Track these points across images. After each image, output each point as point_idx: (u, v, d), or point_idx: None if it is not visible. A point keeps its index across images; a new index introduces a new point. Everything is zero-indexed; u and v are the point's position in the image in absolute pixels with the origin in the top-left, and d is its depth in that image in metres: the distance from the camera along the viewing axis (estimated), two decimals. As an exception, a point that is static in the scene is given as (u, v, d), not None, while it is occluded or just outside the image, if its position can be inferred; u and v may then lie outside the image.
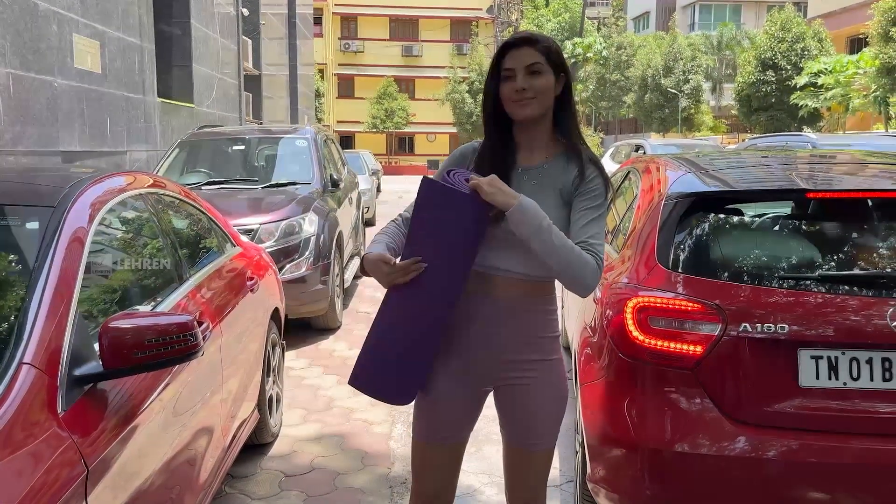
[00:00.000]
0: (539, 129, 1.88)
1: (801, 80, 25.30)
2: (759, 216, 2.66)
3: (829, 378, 2.20)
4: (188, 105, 12.42)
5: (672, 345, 2.28)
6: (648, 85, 37.11)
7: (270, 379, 3.69)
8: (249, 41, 17.56)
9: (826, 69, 24.66)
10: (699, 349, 2.25)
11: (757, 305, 2.25)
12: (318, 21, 38.42)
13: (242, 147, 7.18)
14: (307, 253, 5.55)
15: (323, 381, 4.76)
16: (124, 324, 1.75)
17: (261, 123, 17.71)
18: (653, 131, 37.15)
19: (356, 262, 7.66)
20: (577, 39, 46.24)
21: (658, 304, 2.34)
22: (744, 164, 3.25)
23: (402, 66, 47.50)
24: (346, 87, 48.11)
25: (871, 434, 2.16)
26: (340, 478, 3.36)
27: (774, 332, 2.21)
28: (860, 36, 27.00)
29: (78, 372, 1.71)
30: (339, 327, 6.01)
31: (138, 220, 2.67)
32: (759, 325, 2.23)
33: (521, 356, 1.89)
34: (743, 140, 18.48)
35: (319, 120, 35.54)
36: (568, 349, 4.05)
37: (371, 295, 7.33)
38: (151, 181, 2.91)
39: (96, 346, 1.76)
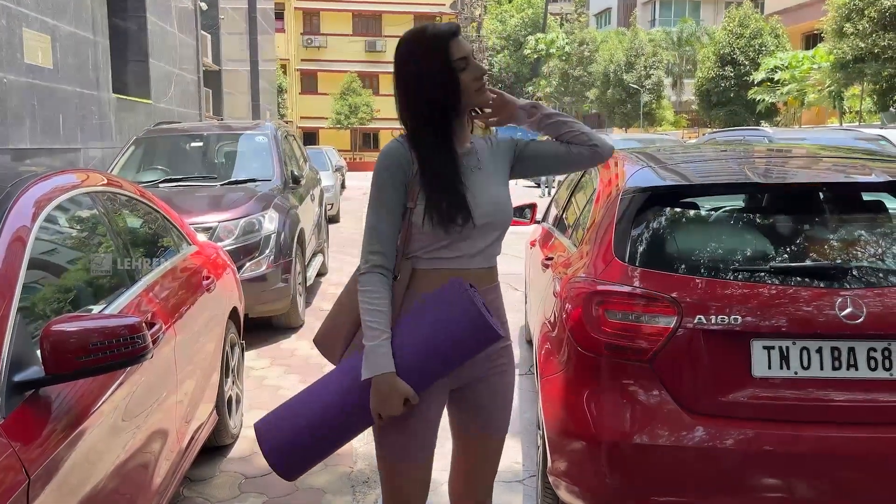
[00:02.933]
0: (464, 118, 1.88)
1: (759, 76, 25.82)
2: (715, 210, 2.72)
3: (781, 368, 2.21)
4: (145, 101, 12.18)
5: (629, 338, 2.29)
6: (611, 80, 37.53)
7: (229, 379, 3.63)
8: (209, 36, 17.29)
9: (782, 65, 25.21)
10: (655, 342, 2.25)
11: (711, 298, 2.26)
12: (279, 16, 37.98)
13: (201, 144, 7.06)
14: (267, 251, 5.48)
15: (284, 380, 4.70)
16: (68, 327, 1.69)
17: (221, 120, 17.46)
18: (615, 126, 37.56)
19: (318, 259, 7.59)
20: (539, 35, 46.55)
21: (615, 298, 2.34)
22: (700, 158, 3.24)
23: (365, 61, 47.26)
24: (309, 83, 47.71)
25: (823, 422, 2.19)
26: (302, 478, 3.31)
27: (728, 324, 2.22)
28: (815, 32, 27.61)
29: (18, 378, 1.65)
30: (301, 326, 5.95)
31: (88, 218, 2.59)
32: (713, 317, 2.24)
33: (500, 343, 1.89)
34: (703, 134, 18.80)
35: (282, 116, 35.16)
36: (531, 342, 4.10)
37: (334, 293, 7.28)
38: (104, 179, 2.83)
39: (39, 351, 1.70)
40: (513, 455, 3.51)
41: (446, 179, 1.77)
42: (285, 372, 4.87)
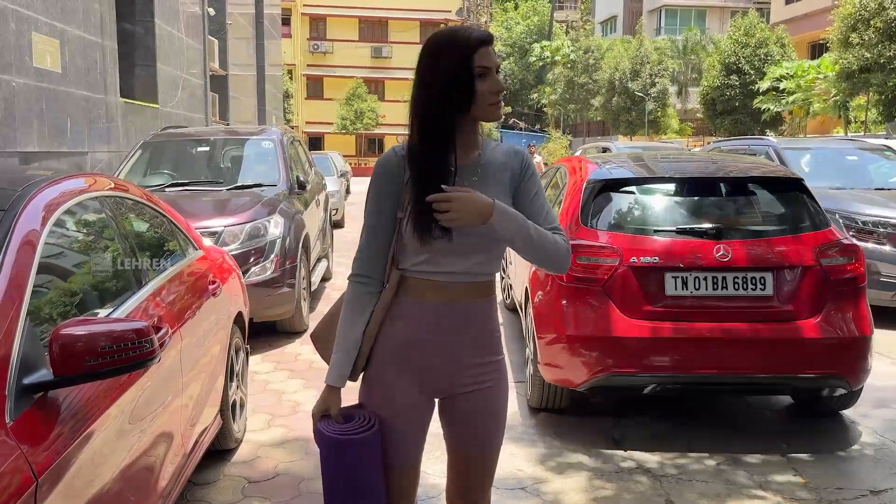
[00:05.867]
0: (475, 128, 1.82)
1: (764, 85, 25.81)
2: (642, 192, 4.12)
3: (683, 289, 3.65)
4: (152, 105, 12.23)
5: (590, 272, 3.69)
6: (616, 88, 37.52)
7: (234, 384, 3.64)
8: (216, 41, 17.34)
9: (788, 74, 25.19)
10: (606, 274, 3.67)
11: (640, 247, 3.71)
12: (286, 21, 38.13)
13: (207, 148, 7.09)
14: (272, 255, 5.49)
15: (288, 385, 4.71)
16: (76, 330, 1.70)
17: (227, 124, 17.51)
18: (620, 134, 37.55)
19: (323, 264, 7.61)
20: (545, 42, 46.58)
21: (582, 249, 3.70)
22: (638, 161, 4.68)
23: (371, 67, 47.35)
24: (315, 88, 47.80)
25: (707, 319, 3.62)
26: (305, 483, 3.33)
27: (651, 263, 3.66)
28: (821, 41, 27.62)
29: (27, 380, 1.66)
30: (305, 330, 5.96)
31: (96, 223, 2.61)
32: (641, 258, 3.67)
33: (480, 360, 1.87)
34: (707, 143, 18.79)
35: (288, 121, 35.24)
36: (515, 310, 5.36)
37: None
38: (111, 183, 2.86)
39: (48, 354, 1.71)
40: (515, 462, 3.52)
41: (430, 188, 1.70)
42: (289, 376, 4.88)
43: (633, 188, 4.10)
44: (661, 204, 4.08)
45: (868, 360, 3.70)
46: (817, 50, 29.67)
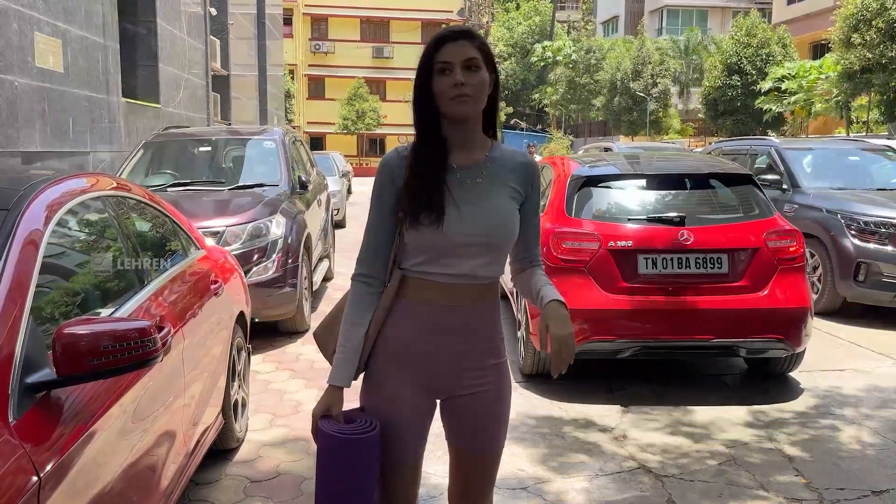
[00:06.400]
0: (472, 127, 1.81)
1: (766, 85, 25.79)
2: (620, 186, 4.75)
3: (653, 268, 4.30)
4: (154, 105, 12.24)
5: (574, 255, 4.35)
6: (617, 88, 37.51)
7: (235, 383, 3.64)
8: (217, 41, 17.36)
9: (790, 74, 25.17)
10: (588, 256, 4.32)
11: (616, 233, 4.36)
12: (288, 21, 38.13)
13: (209, 148, 7.09)
14: (274, 256, 5.50)
15: (289, 385, 4.72)
16: (79, 329, 1.70)
17: (229, 124, 17.52)
18: (622, 134, 37.54)
19: (325, 264, 7.61)
20: (546, 43, 46.57)
21: (567, 235, 4.41)
22: (615, 160, 5.51)
23: (373, 67, 47.40)
24: (316, 89, 47.84)
25: (673, 293, 4.26)
26: (307, 483, 3.33)
27: (625, 246, 4.31)
28: (823, 42, 27.61)
29: (30, 379, 1.66)
30: (306, 330, 5.96)
31: (98, 222, 2.61)
32: (617, 242, 4.32)
33: (481, 362, 1.86)
34: (709, 143, 18.78)
35: (289, 121, 35.25)
36: (506, 297, 5.76)
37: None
38: (113, 183, 2.86)
39: (51, 353, 1.71)
40: (517, 462, 3.52)
41: (421, 180, 1.74)
42: (290, 376, 4.89)
43: (609, 183, 4.75)
44: (633, 196, 4.70)
45: (807, 327, 4.37)
46: (819, 50, 29.65)
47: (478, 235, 1.76)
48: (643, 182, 4.76)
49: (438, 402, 1.93)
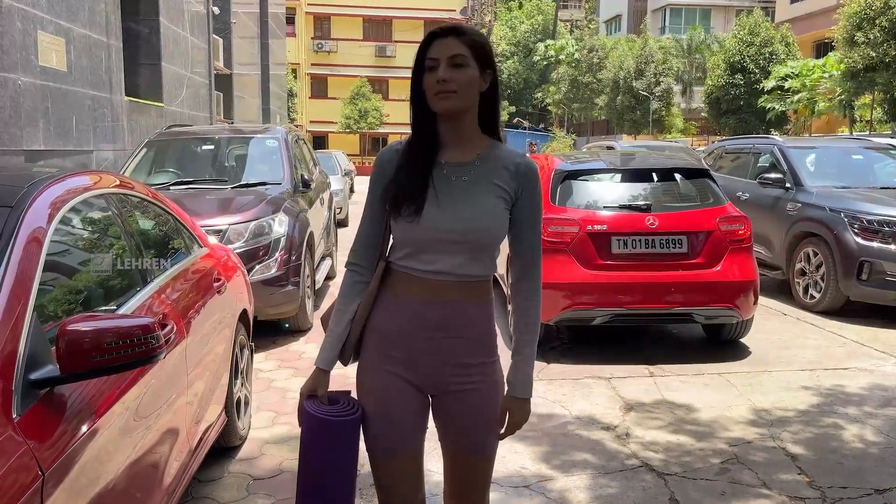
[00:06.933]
0: (466, 125, 1.81)
1: (769, 84, 25.75)
2: (597, 179, 5.58)
3: (624, 248, 5.03)
4: (157, 104, 12.25)
5: (558, 237, 5.01)
6: (620, 87, 37.47)
7: (238, 381, 3.65)
8: (220, 40, 17.37)
9: (793, 73, 25.14)
10: (569, 239, 5.02)
11: (593, 218, 5.10)
12: (290, 20, 38.14)
13: (212, 147, 7.10)
14: (277, 254, 5.50)
15: (292, 383, 4.72)
16: (83, 326, 1.70)
17: (232, 123, 17.52)
18: (624, 133, 37.49)
19: (327, 263, 7.61)
20: (549, 41, 46.55)
21: (552, 220, 5.04)
22: (593, 157, 6.44)
23: (375, 66, 47.36)
24: (319, 87, 47.84)
25: (641, 270, 5.02)
26: (309, 480, 3.33)
27: (601, 229, 5.03)
28: (826, 41, 27.53)
29: (34, 376, 1.67)
30: (309, 329, 5.97)
31: (101, 220, 2.62)
32: (594, 226, 5.04)
33: (468, 359, 1.85)
34: (712, 142, 18.74)
35: (292, 120, 35.28)
36: (497, 282, 6.13)
37: (342, 296, 7.28)
38: (116, 181, 2.86)
39: (54, 350, 1.72)
40: (519, 460, 3.52)
41: (407, 173, 1.79)
42: (293, 374, 4.89)
43: (587, 176, 5.53)
44: (608, 188, 5.47)
45: (753, 297, 5.14)
46: (822, 49, 29.58)
47: (455, 232, 1.76)
48: (616, 176, 5.57)
49: (431, 398, 1.92)
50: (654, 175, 5.52)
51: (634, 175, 5.54)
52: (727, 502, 3.15)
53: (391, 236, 1.87)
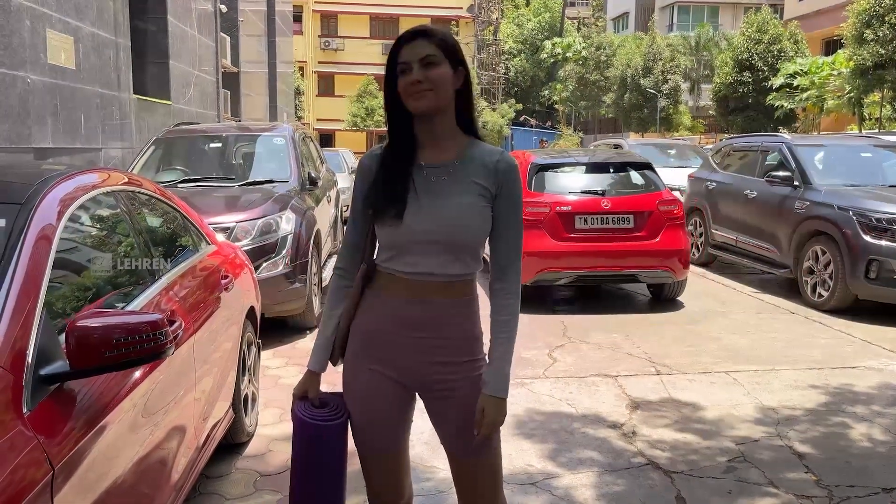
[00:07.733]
0: (442, 124, 1.82)
1: (777, 82, 25.62)
2: (564, 171, 6.99)
3: (585, 224, 6.48)
4: (165, 102, 12.30)
5: (533, 216, 6.35)
6: (627, 85, 37.35)
7: (246, 378, 3.66)
8: (228, 38, 17.42)
9: (801, 70, 25.01)
10: (542, 217, 6.43)
11: (561, 201, 6.55)
12: (297, 18, 38.17)
13: (219, 145, 7.12)
14: (284, 251, 5.52)
15: (299, 380, 4.73)
16: (92, 322, 1.72)
17: (239, 121, 17.56)
18: (632, 131, 37.40)
19: (334, 260, 7.62)
20: (556, 39, 46.44)
21: (529, 203, 6.31)
22: (561, 153, 8.01)
23: (382, 64, 46.30)
24: (326, 85, 47.86)
25: (598, 241, 6.50)
26: (316, 477, 3.34)
27: (567, 210, 6.49)
28: (835, 38, 27.39)
29: (44, 371, 1.68)
30: (316, 326, 5.98)
31: (110, 217, 2.63)
32: (561, 207, 6.49)
33: (453, 358, 1.85)
34: (720, 140, 18.67)
35: (299, 118, 35.33)
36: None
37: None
38: (125, 178, 2.88)
39: (64, 346, 1.73)
40: (526, 458, 3.53)
41: (386, 176, 1.81)
42: (300, 371, 4.87)
43: (556, 169, 6.97)
44: (572, 177, 6.98)
45: (684, 263, 6.59)
46: (831, 46, 29.43)
47: (437, 232, 1.78)
48: (579, 168, 7.16)
49: (419, 395, 1.94)
50: (609, 167, 7.11)
51: (593, 167, 7.08)
52: (734, 501, 3.15)
53: (376, 238, 1.90)
